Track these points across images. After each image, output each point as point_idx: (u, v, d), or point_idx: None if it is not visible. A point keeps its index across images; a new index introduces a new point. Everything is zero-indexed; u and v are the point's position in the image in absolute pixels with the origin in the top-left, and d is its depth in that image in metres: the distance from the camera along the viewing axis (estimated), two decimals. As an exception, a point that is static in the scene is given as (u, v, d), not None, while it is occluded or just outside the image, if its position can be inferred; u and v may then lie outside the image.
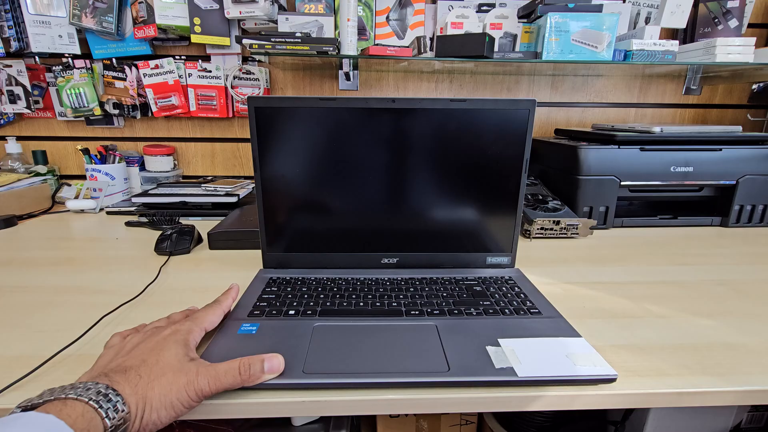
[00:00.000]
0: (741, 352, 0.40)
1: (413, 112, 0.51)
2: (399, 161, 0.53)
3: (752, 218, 0.83)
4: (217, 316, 0.40)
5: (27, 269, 0.59)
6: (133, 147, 1.08)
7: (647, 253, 0.68)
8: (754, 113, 1.11)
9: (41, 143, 1.06)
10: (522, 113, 0.52)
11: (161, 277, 0.57)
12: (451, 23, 0.90)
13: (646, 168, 0.79)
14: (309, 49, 0.80)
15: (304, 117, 0.51)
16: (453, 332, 0.41)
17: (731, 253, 0.68)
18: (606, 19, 0.82)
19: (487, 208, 0.56)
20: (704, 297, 0.52)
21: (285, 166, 0.53)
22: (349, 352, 0.37)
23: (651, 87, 1.08)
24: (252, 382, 0.32)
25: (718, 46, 0.83)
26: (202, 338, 0.37)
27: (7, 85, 0.98)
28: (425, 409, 0.34)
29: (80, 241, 0.72)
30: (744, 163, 0.79)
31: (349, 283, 0.52)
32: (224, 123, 1.07)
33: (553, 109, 1.09)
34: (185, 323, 0.37)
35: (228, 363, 0.32)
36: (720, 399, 0.35)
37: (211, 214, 0.85)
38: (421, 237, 0.56)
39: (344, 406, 0.34)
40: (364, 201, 0.55)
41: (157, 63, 0.98)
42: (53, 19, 0.92)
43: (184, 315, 0.40)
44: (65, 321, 0.44)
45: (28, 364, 0.36)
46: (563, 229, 0.74)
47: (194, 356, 0.33)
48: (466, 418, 0.71)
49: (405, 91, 1.06)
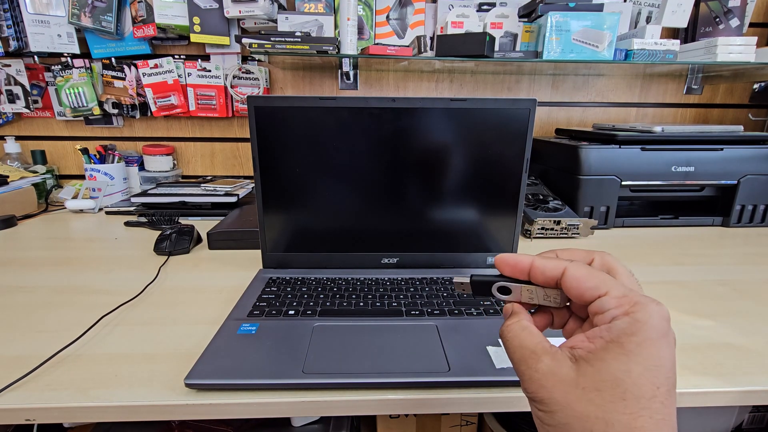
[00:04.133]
0: (742, 352, 0.40)
1: (413, 112, 0.51)
2: (399, 161, 0.53)
3: (753, 218, 0.82)
4: None
5: (27, 269, 0.59)
6: (133, 147, 1.07)
7: (648, 253, 0.68)
8: (756, 113, 1.11)
9: (40, 143, 1.06)
10: (522, 113, 0.52)
11: (160, 277, 0.57)
12: (452, 22, 0.90)
13: (647, 168, 0.78)
14: (309, 48, 0.80)
15: (304, 116, 0.51)
16: (453, 332, 0.40)
17: (732, 253, 0.68)
18: (607, 18, 0.81)
19: (487, 208, 0.55)
20: (705, 297, 0.52)
21: (285, 165, 0.53)
22: (349, 352, 0.37)
23: (652, 86, 1.08)
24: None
25: (720, 46, 0.83)
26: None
27: (6, 84, 0.98)
28: (425, 409, 0.34)
29: (79, 241, 0.72)
30: (745, 163, 0.79)
31: (349, 283, 0.52)
32: (224, 123, 1.07)
33: (554, 109, 1.09)
34: None
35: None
36: (721, 399, 0.35)
37: (211, 214, 0.85)
38: (421, 237, 0.56)
39: (344, 406, 0.34)
40: (363, 201, 0.54)
41: (156, 62, 0.97)
42: (52, 19, 0.92)
43: None
44: (65, 321, 0.44)
45: (27, 364, 0.36)
46: (564, 229, 0.74)
47: None
48: (467, 419, 0.71)
49: (405, 90, 1.06)
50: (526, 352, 0.23)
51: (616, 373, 0.20)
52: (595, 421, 0.20)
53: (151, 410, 0.33)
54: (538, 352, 0.23)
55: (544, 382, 0.22)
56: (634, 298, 0.22)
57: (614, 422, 0.19)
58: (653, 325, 0.20)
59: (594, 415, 0.20)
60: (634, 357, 0.20)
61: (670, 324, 0.21)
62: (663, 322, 0.21)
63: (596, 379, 0.20)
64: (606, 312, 0.22)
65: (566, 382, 0.21)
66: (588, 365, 0.21)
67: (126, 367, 0.37)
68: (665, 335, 0.21)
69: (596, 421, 0.20)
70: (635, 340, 0.20)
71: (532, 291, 0.27)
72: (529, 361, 0.23)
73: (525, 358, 0.23)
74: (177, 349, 0.39)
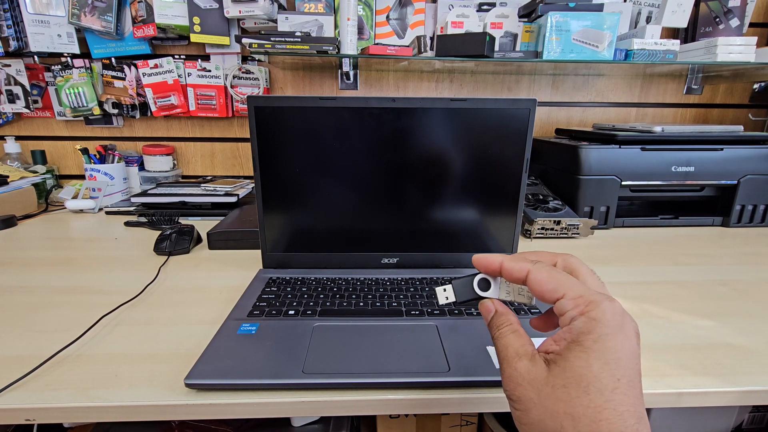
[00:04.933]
0: (742, 352, 0.40)
1: (413, 112, 0.51)
2: (399, 161, 0.53)
3: (753, 218, 0.82)
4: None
5: (27, 269, 0.59)
6: (133, 147, 1.07)
7: (648, 253, 0.68)
8: (756, 113, 1.11)
9: (40, 143, 1.06)
10: (522, 113, 0.52)
11: (160, 277, 0.57)
12: (452, 22, 0.90)
13: (647, 168, 0.78)
14: (309, 48, 0.80)
15: (304, 116, 0.51)
16: (453, 332, 0.40)
17: (732, 253, 0.68)
18: (607, 18, 0.81)
19: (487, 208, 0.55)
20: (705, 297, 0.52)
21: (285, 165, 0.53)
22: (349, 352, 0.37)
23: (652, 86, 1.08)
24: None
25: (720, 46, 0.83)
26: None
27: (5, 84, 0.98)
28: (425, 409, 0.34)
29: (80, 241, 0.72)
30: (745, 163, 0.79)
31: (349, 283, 0.52)
32: (224, 122, 1.07)
33: (554, 109, 1.09)
34: None
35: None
36: (721, 399, 0.35)
37: (211, 214, 0.85)
38: (421, 237, 0.56)
39: (344, 406, 0.34)
40: (363, 201, 0.54)
41: (156, 62, 0.97)
42: (52, 19, 0.92)
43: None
44: (65, 321, 0.44)
45: (27, 364, 0.36)
46: (564, 229, 0.74)
47: None
48: (467, 419, 0.71)
49: (405, 90, 1.06)
50: (511, 351, 0.25)
51: (579, 370, 0.21)
52: (564, 417, 0.21)
53: (151, 410, 0.33)
54: (520, 353, 0.24)
55: (521, 381, 0.23)
56: (589, 297, 0.23)
57: (580, 416, 0.21)
58: (607, 321, 0.22)
59: (563, 411, 0.21)
60: (593, 353, 0.21)
61: (625, 318, 0.23)
62: (616, 317, 0.22)
63: (563, 377, 0.22)
64: (566, 314, 0.23)
65: (539, 381, 0.23)
66: (555, 365, 0.22)
67: (126, 367, 0.37)
68: (620, 329, 0.22)
69: (565, 417, 0.21)
70: (592, 338, 0.22)
71: (509, 286, 0.29)
72: (512, 360, 0.24)
73: (509, 357, 0.25)
74: (177, 349, 0.39)
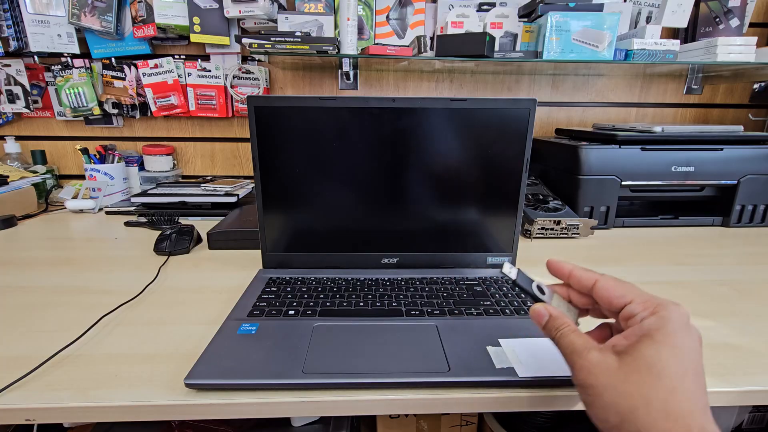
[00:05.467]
0: (742, 352, 0.40)
1: (413, 112, 0.51)
2: (399, 161, 0.53)
3: (753, 218, 0.82)
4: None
5: (27, 269, 0.59)
6: (133, 147, 1.07)
7: (648, 253, 0.68)
8: (756, 113, 1.11)
9: (40, 143, 1.06)
10: (522, 113, 0.52)
11: (160, 277, 0.57)
12: (452, 22, 0.90)
13: (647, 168, 0.78)
14: (309, 48, 0.80)
15: (304, 116, 0.51)
16: (453, 332, 0.40)
17: (732, 253, 0.68)
18: (607, 18, 0.81)
19: (487, 208, 0.55)
20: (705, 297, 0.52)
21: (285, 165, 0.53)
22: (349, 352, 0.37)
23: (652, 86, 1.08)
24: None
25: (720, 46, 0.83)
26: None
27: (5, 84, 0.98)
28: (425, 410, 0.34)
29: (79, 241, 0.72)
30: (745, 163, 0.79)
31: (349, 283, 0.52)
32: (224, 123, 1.07)
33: (554, 109, 1.09)
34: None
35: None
36: (721, 399, 0.35)
37: (211, 214, 0.85)
38: (421, 237, 0.56)
39: (344, 406, 0.34)
40: (363, 201, 0.54)
41: (156, 62, 0.97)
42: (52, 19, 0.92)
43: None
44: (65, 321, 0.44)
45: (27, 364, 0.36)
46: (564, 229, 0.74)
47: None
48: (467, 419, 0.71)
49: (405, 90, 1.06)
50: (579, 346, 0.28)
51: (650, 359, 0.25)
52: (637, 398, 0.24)
53: (151, 410, 0.33)
54: (588, 347, 0.27)
55: (593, 369, 0.26)
56: (657, 301, 0.28)
57: (653, 398, 0.23)
58: (675, 320, 0.26)
59: (637, 393, 0.24)
60: (663, 345, 0.25)
61: (690, 321, 0.27)
62: (683, 317, 0.26)
63: (635, 365, 0.25)
64: (636, 315, 0.27)
65: (611, 369, 0.26)
66: (627, 355, 0.25)
67: (126, 367, 0.37)
68: (686, 328, 0.26)
69: (639, 398, 0.24)
70: (662, 332, 0.25)
71: (560, 301, 0.32)
72: (582, 353, 0.27)
73: (578, 350, 0.27)
74: (177, 349, 0.39)
